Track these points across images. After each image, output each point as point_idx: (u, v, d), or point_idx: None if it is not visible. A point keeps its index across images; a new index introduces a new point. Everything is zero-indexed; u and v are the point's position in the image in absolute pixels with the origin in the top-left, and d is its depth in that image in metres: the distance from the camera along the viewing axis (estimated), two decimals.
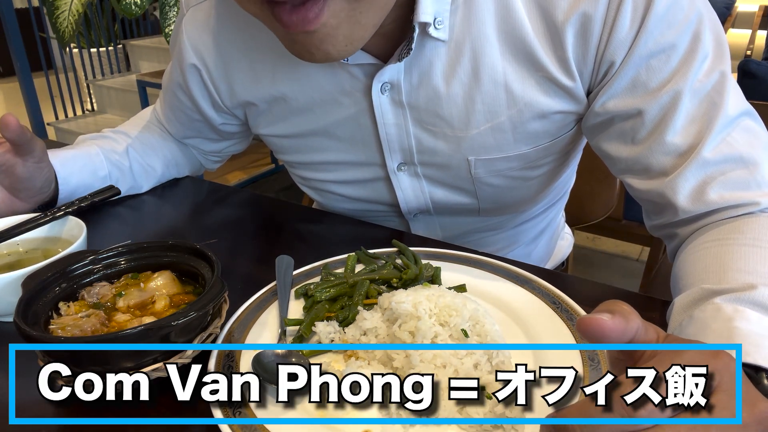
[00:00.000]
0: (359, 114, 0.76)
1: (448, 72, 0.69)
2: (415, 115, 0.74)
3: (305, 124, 0.80)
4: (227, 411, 0.48)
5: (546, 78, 0.68)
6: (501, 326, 0.58)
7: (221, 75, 0.81)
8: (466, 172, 0.77)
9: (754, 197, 0.61)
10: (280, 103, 0.80)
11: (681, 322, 0.51)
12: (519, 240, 0.97)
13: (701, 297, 0.52)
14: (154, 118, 1.01)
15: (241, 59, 0.79)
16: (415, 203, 0.84)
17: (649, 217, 0.71)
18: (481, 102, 0.70)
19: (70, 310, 0.56)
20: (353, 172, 0.83)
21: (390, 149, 0.78)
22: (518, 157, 0.75)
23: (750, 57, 2.91)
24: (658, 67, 0.63)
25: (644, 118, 0.64)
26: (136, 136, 0.97)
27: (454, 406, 0.48)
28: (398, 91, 0.72)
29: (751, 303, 0.48)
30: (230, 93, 0.83)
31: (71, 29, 2.91)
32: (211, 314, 0.55)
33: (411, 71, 0.70)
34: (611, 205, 1.31)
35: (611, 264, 2.57)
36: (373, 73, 0.71)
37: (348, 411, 0.50)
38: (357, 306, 0.60)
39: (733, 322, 0.46)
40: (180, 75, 0.85)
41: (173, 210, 0.96)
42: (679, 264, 0.62)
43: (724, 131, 0.62)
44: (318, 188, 0.89)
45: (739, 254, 0.55)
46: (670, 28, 0.61)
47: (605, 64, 0.65)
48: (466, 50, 0.67)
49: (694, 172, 0.62)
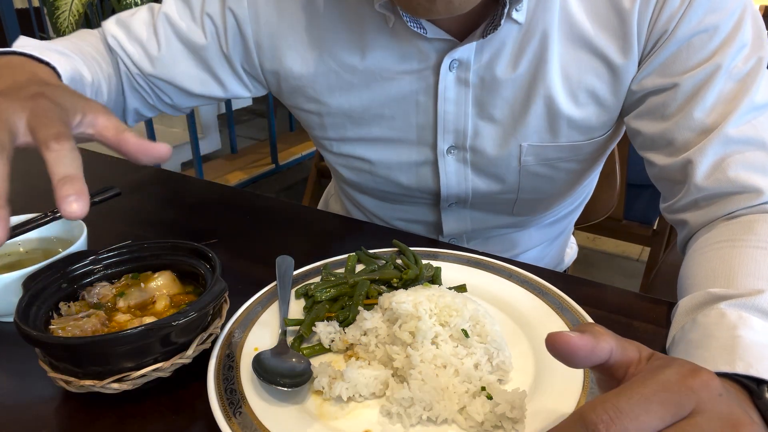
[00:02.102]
0: (420, 91, 0.76)
1: (517, 54, 0.71)
2: (477, 95, 0.75)
3: (357, 100, 0.79)
4: (227, 411, 0.48)
5: (603, 64, 0.70)
6: (501, 326, 0.58)
7: (268, 33, 0.78)
8: (515, 159, 0.78)
9: (766, 184, 0.61)
10: (330, 73, 0.78)
11: (684, 326, 0.51)
12: (539, 241, 0.99)
13: (706, 301, 0.51)
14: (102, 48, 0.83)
15: (300, 23, 0.76)
16: (456, 190, 0.85)
17: (664, 198, 0.72)
18: (543, 86, 0.72)
19: (71, 310, 0.56)
20: (400, 151, 0.82)
21: (444, 129, 0.78)
22: (569, 148, 0.77)
23: None
24: (699, 45, 0.65)
25: (677, 92, 0.66)
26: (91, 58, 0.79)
27: (455, 406, 0.48)
28: (466, 69, 0.73)
29: (756, 309, 0.47)
30: (273, 55, 0.79)
31: (72, 29, 2.91)
32: (211, 314, 0.55)
33: (482, 50, 0.71)
34: (612, 205, 1.31)
35: (611, 264, 2.57)
36: (444, 50, 0.72)
37: (348, 411, 0.50)
38: (357, 306, 0.60)
39: (737, 330, 0.45)
40: (220, 16, 0.79)
41: (173, 210, 0.96)
42: (688, 263, 0.62)
43: (750, 114, 0.63)
44: (356, 167, 0.87)
45: (749, 257, 0.55)
46: (715, 11, 0.64)
47: (655, 36, 0.67)
48: (536, 35, 0.69)
49: (716, 148, 0.63)
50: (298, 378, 0.51)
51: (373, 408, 0.50)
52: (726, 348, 0.44)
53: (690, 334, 0.49)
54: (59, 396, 0.53)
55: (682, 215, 0.68)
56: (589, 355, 0.35)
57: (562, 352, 0.35)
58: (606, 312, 0.62)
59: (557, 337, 0.35)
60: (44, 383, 0.54)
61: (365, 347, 0.55)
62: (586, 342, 0.35)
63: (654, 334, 0.58)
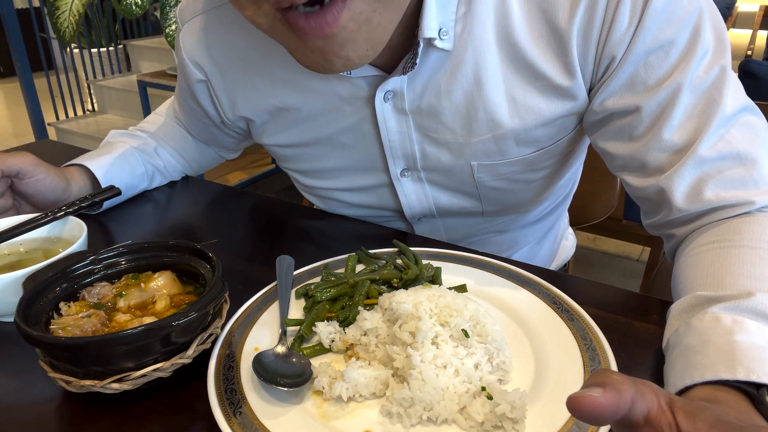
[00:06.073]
0: (362, 122, 0.76)
1: (450, 80, 0.69)
2: (418, 122, 0.74)
3: (308, 133, 0.80)
4: (227, 411, 0.48)
5: (547, 85, 0.68)
6: (501, 326, 0.58)
7: (221, 88, 0.82)
8: (469, 176, 0.78)
9: (750, 196, 0.60)
10: (282, 114, 0.80)
11: (677, 329, 0.51)
12: (523, 241, 0.97)
13: (698, 303, 0.51)
14: (173, 115, 1.02)
15: (238, 71, 0.79)
16: (419, 208, 0.85)
17: (646, 215, 0.71)
18: (483, 110, 0.70)
19: (71, 310, 0.56)
20: (357, 178, 0.83)
21: (393, 156, 0.78)
22: (521, 161, 0.75)
23: (750, 57, 2.91)
24: (656, 63, 0.62)
25: (642, 114, 0.64)
26: (161, 134, 1.00)
27: (455, 406, 0.48)
28: (401, 99, 0.72)
29: (750, 312, 0.47)
30: (231, 105, 0.83)
31: (72, 29, 2.91)
32: (211, 314, 0.55)
33: (414, 80, 0.70)
34: (612, 205, 1.31)
35: (612, 264, 2.57)
36: (376, 83, 0.71)
37: (348, 411, 0.50)
38: (357, 306, 0.60)
39: (733, 335, 0.45)
40: (187, 89, 0.86)
41: (174, 210, 0.96)
42: (678, 268, 0.62)
43: (722, 128, 0.61)
44: (322, 196, 0.89)
45: (736, 257, 0.55)
46: (669, 24, 0.61)
47: (605, 60, 0.64)
48: (469, 59, 0.67)
49: (690, 170, 0.62)
50: (298, 378, 0.51)
51: (373, 408, 0.50)
52: (725, 354, 0.44)
53: (685, 339, 0.49)
54: (59, 396, 0.53)
55: (668, 230, 0.68)
56: (615, 411, 0.32)
57: (590, 414, 0.32)
58: (606, 312, 0.62)
59: (581, 400, 0.32)
60: (44, 383, 0.54)
61: (365, 347, 0.55)
62: (611, 400, 0.32)
63: (654, 334, 0.58)
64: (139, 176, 0.93)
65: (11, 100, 5.55)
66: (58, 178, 0.82)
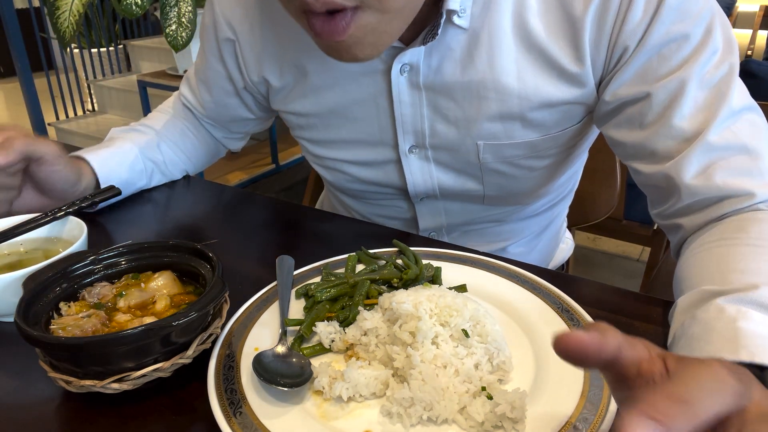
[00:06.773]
0: (377, 94, 0.79)
1: (465, 59, 0.72)
2: (431, 98, 0.76)
3: (324, 103, 0.83)
4: (227, 411, 0.48)
5: (557, 70, 0.70)
6: (502, 326, 0.58)
7: (248, 46, 0.84)
8: (474, 156, 0.80)
9: (754, 187, 0.62)
10: (302, 79, 0.82)
11: (683, 322, 0.51)
12: (521, 234, 0.99)
13: (703, 298, 0.52)
14: (179, 108, 1.03)
15: (267, 26, 0.82)
16: (422, 187, 0.86)
17: (654, 205, 0.72)
18: (494, 90, 0.73)
19: (71, 310, 0.56)
20: (366, 152, 0.85)
21: (404, 131, 0.80)
22: (525, 145, 0.78)
23: (751, 57, 2.92)
24: (669, 55, 0.65)
25: (652, 102, 0.66)
26: (163, 129, 1.00)
27: (455, 406, 0.48)
28: (417, 73, 0.74)
29: (754, 303, 0.48)
30: (257, 63, 0.85)
31: (72, 29, 2.91)
32: (211, 314, 0.55)
33: (431, 55, 0.73)
34: (612, 205, 1.31)
35: (612, 264, 2.57)
36: (394, 55, 0.74)
37: (348, 411, 0.50)
38: (357, 306, 0.60)
39: (737, 322, 0.46)
40: (214, 48, 0.88)
41: (174, 210, 0.96)
42: (682, 265, 0.62)
43: (728, 120, 0.63)
44: (329, 167, 0.91)
45: (741, 254, 0.55)
46: (683, 19, 0.63)
47: (618, 51, 0.67)
48: (484, 39, 0.70)
49: (699, 156, 0.64)
50: (298, 378, 0.51)
51: (373, 408, 0.50)
52: (728, 338, 0.45)
53: (690, 330, 0.50)
54: (59, 396, 0.53)
55: (675, 220, 0.69)
56: (598, 351, 0.34)
57: (573, 351, 0.34)
58: (606, 312, 0.62)
59: (566, 337, 0.34)
60: (44, 383, 0.54)
61: (365, 347, 0.55)
62: (594, 338, 0.34)
63: (654, 334, 0.58)
64: (138, 172, 0.93)
65: (11, 100, 5.55)
66: (72, 172, 0.83)
